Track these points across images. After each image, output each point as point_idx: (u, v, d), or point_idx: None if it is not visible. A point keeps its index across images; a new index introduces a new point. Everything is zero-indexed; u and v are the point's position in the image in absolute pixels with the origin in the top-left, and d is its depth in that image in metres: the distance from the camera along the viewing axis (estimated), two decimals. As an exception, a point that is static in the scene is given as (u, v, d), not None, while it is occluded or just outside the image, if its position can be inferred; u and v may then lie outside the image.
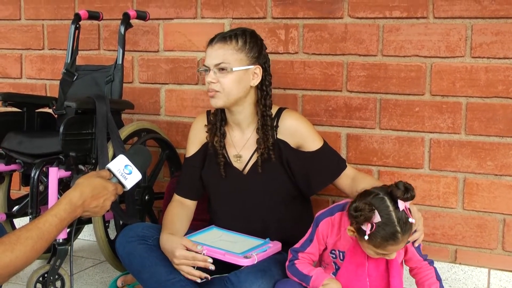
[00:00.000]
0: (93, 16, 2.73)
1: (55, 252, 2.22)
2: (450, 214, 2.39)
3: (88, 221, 2.49)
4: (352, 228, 1.77)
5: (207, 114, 2.22)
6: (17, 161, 2.49)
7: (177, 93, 2.82)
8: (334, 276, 1.89)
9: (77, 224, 2.25)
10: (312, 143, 2.12)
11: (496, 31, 2.27)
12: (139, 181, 1.66)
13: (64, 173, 2.29)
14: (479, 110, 2.32)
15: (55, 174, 2.25)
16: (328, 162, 2.14)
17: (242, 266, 1.87)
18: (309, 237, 1.92)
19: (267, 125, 2.08)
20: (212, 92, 2.04)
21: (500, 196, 2.32)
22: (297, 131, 2.11)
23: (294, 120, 2.12)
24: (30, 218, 2.28)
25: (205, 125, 2.20)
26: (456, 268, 2.40)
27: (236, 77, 2.02)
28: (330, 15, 2.49)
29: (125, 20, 2.56)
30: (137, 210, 2.48)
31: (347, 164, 2.18)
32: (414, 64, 2.39)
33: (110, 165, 1.63)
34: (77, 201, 1.51)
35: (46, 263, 2.27)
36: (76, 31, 2.71)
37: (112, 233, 2.53)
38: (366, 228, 1.71)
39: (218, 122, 2.15)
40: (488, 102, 2.30)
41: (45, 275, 2.22)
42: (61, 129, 2.25)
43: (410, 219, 1.73)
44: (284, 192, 2.13)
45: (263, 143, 2.08)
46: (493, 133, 2.31)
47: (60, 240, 2.20)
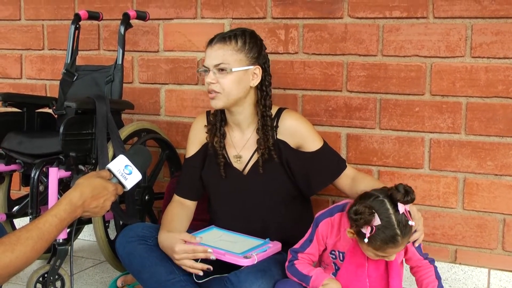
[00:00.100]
0: (93, 16, 2.73)
1: (55, 252, 2.23)
2: (450, 214, 2.39)
3: (88, 221, 2.49)
4: (352, 231, 1.76)
5: (207, 114, 2.22)
6: (17, 161, 2.49)
7: (177, 93, 2.82)
8: (334, 276, 1.89)
9: (77, 224, 2.24)
10: (312, 143, 2.12)
11: (496, 31, 2.27)
12: (139, 181, 1.66)
13: (64, 173, 2.29)
14: (479, 110, 2.32)
15: (55, 174, 2.25)
16: (328, 162, 2.14)
17: (242, 266, 1.87)
18: (309, 238, 1.91)
19: (267, 125, 2.08)
20: (213, 94, 2.04)
21: (500, 196, 2.32)
22: (297, 131, 2.11)
23: (294, 120, 2.12)
24: (30, 218, 2.28)
25: (205, 126, 2.20)
26: (456, 268, 2.40)
27: (236, 77, 2.02)
28: (330, 15, 2.49)
29: (125, 20, 2.56)
30: (137, 210, 2.48)
31: (347, 164, 2.18)
32: (414, 64, 2.39)
33: (110, 165, 1.63)
34: (77, 202, 1.51)
35: (46, 263, 2.27)
36: (76, 31, 2.70)
37: (112, 233, 2.53)
38: (366, 231, 1.70)
39: (218, 123, 2.15)
40: (488, 102, 2.30)
41: (45, 275, 2.22)
42: (61, 129, 2.25)
43: (410, 222, 1.72)
44: (284, 192, 2.13)
45: (263, 143, 2.08)
46: (493, 133, 2.31)
47: (60, 240, 2.20)
